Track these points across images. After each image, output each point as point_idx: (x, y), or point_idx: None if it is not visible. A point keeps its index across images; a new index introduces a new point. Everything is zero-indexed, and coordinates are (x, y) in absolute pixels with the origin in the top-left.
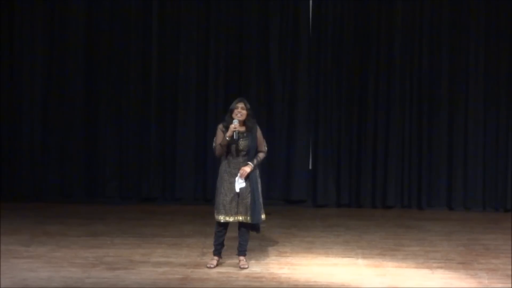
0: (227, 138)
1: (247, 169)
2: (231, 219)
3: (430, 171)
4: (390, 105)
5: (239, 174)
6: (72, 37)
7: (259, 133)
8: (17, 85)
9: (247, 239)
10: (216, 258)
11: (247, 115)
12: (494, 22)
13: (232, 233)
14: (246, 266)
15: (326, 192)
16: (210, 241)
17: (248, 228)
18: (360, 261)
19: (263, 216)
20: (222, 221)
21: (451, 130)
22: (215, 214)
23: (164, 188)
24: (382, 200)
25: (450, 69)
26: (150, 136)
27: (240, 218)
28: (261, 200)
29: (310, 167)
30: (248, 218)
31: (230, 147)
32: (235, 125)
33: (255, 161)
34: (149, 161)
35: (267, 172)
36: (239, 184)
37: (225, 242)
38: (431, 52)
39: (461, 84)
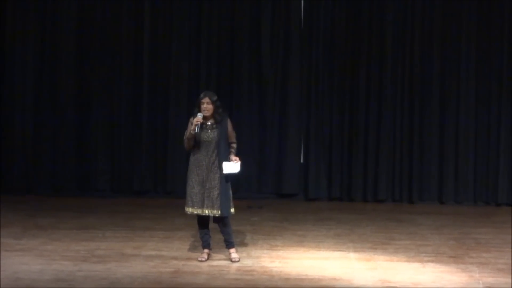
0: (191, 132)
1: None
2: (197, 211)
3: (421, 165)
4: (381, 100)
5: (232, 159)
6: (64, 31)
7: (229, 125)
8: (8, 79)
9: (229, 232)
10: (206, 251)
11: (214, 107)
12: (485, 18)
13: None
14: (237, 259)
15: (318, 186)
16: None
17: (221, 221)
18: (351, 255)
19: (232, 210)
20: (189, 213)
21: (442, 124)
22: (185, 206)
23: (156, 181)
24: (373, 194)
25: (442, 63)
26: (142, 129)
27: (207, 211)
28: (230, 193)
29: (302, 161)
30: (215, 211)
31: (197, 139)
32: (198, 118)
33: (234, 151)
34: (140, 155)
35: (259, 166)
36: (231, 167)
37: (216, 236)
38: (423, 48)
39: (453, 79)
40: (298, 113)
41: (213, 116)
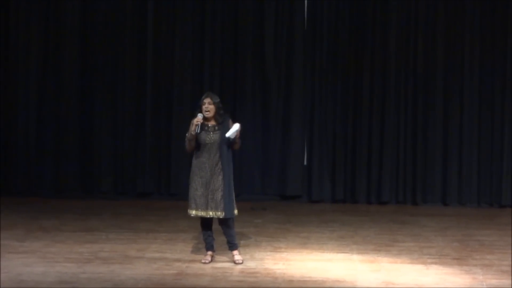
0: (191, 133)
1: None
2: (201, 213)
3: (425, 167)
4: (385, 102)
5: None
6: (67, 32)
7: (231, 126)
8: (12, 80)
9: (232, 234)
10: (209, 253)
11: (216, 109)
12: (489, 18)
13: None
14: (241, 261)
15: (321, 188)
16: None
17: (225, 223)
18: (355, 257)
19: (235, 212)
20: (192, 215)
21: (446, 125)
22: (188, 208)
23: (159, 183)
24: (377, 195)
25: (445, 65)
26: (145, 131)
27: (211, 213)
28: (233, 195)
29: (305, 163)
30: (219, 213)
31: (199, 142)
32: (198, 119)
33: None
34: (144, 157)
35: (262, 168)
36: (232, 130)
37: (219, 238)
38: (426, 48)
39: (456, 80)
40: (301, 114)
41: (214, 117)
